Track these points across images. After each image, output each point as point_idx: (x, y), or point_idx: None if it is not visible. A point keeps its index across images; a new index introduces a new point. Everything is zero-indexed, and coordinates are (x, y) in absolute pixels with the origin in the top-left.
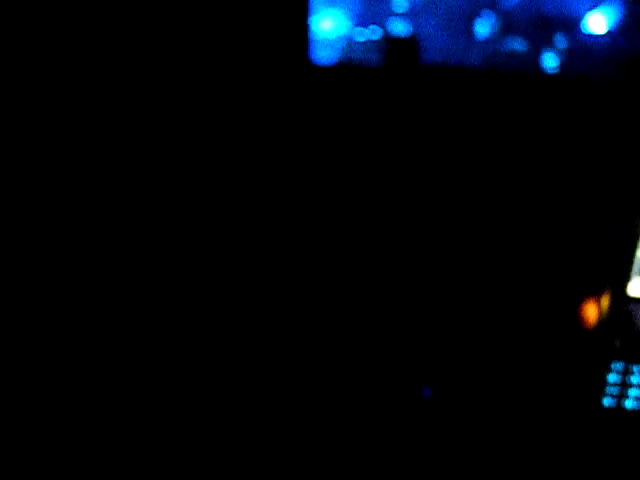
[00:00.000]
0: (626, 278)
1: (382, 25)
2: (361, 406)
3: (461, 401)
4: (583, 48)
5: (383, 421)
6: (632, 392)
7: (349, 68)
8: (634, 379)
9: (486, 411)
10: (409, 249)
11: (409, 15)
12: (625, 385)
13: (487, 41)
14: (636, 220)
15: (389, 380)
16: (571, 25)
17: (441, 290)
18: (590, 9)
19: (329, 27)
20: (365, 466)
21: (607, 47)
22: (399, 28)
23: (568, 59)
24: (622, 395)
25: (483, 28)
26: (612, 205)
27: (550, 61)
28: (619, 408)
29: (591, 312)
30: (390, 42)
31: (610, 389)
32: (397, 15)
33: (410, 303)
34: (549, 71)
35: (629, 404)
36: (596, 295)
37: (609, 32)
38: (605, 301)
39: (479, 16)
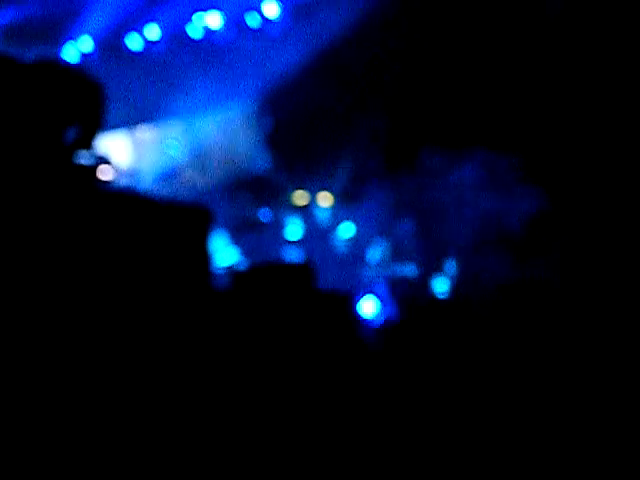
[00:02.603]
0: None
1: (277, 253)
2: None
3: None
4: (472, 273)
5: None
6: None
7: (246, 291)
8: None
9: None
10: None
11: (302, 243)
12: None
13: (378, 266)
14: None
15: None
16: (460, 251)
17: None
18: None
19: (229, 260)
20: None
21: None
22: (293, 255)
23: (457, 284)
24: None
25: (374, 254)
26: None
27: (441, 285)
28: None
29: None
30: (285, 269)
31: None
32: (291, 243)
33: None
34: (439, 295)
35: None
36: None
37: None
38: None
39: (368, 242)
